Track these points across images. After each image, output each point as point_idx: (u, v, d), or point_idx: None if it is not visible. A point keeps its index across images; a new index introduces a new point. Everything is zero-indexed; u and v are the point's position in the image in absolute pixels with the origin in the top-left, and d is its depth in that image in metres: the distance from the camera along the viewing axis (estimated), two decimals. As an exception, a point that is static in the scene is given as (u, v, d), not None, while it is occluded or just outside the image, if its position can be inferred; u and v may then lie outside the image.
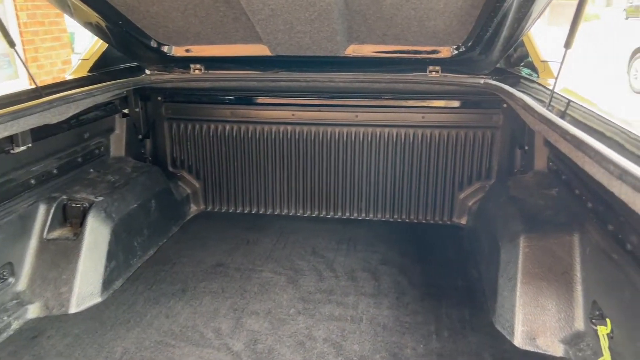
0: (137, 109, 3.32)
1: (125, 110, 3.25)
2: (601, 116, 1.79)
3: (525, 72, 2.84)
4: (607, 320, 1.87)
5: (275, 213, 3.49)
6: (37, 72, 8.17)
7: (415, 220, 3.38)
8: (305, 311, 2.37)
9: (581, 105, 1.93)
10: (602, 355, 1.84)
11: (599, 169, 1.40)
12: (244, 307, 2.41)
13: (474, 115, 3.18)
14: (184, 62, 2.84)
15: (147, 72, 2.95)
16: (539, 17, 2.20)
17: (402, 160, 3.29)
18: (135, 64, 3.04)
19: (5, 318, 2.25)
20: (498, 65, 2.78)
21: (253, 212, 3.52)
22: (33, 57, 8.27)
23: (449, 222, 3.36)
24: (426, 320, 2.31)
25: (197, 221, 3.43)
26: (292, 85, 2.89)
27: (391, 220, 3.39)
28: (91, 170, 2.94)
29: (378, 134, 3.27)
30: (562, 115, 1.93)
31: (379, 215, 3.40)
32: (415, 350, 2.10)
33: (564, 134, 1.65)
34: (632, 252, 1.76)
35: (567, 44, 1.82)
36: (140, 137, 3.39)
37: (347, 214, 3.43)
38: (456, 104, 3.19)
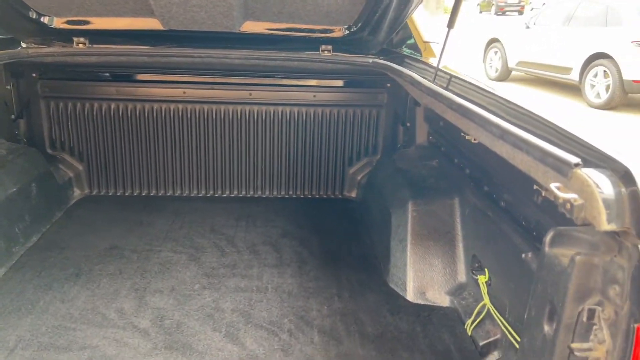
0: (7, 87, 3.05)
1: (-5, 88, 2.98)
2: (480, 88, 2.03)
3: (407, 52, 3.07)
4: (486, 270, 2.14)
5: (169, 194, 3.42)
6: None
7: (310, 196, 3.51)
8: (210, 285, 2.39)
9: (462, 80, 2.16)
10: (482, 300, 2.10)
11: (483, 132, 1.60)
12: (146, 287, 2.36)
13: (361, 95, 3.37)
14: (66, 35, 2.66)
15: (23, 45, 2.72)
16: (422, 1, 2.41)
17: (296, 138, 3.40)
18: (8, 36, 2.78)
19: None
20: (385, 47, 2.98)
21: (144, 194, 3.41)
22: None
23: (340, 196, 3.54)
24: (328, 285, 2.44)
25: (82, 205, 3.25)
26: (185, 61, 2.84)
27: (287, 196, 3.49)
28: None
29: (272, 112, 3.33)
30: (446, 88, 2.15)
31: (275, 192, 3.48)
32: (320, 312, 2.23)
33: (451, 104, 1.85)
34: (505, 209, 2.03)
35: (450, 24, 2.03)
36: (13, 116, 3.12)
37: (244, 192, 3.46)
38: (345, 84, 3.36)
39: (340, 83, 3.35)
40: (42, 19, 2.56)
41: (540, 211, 1.71)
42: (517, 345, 1.69)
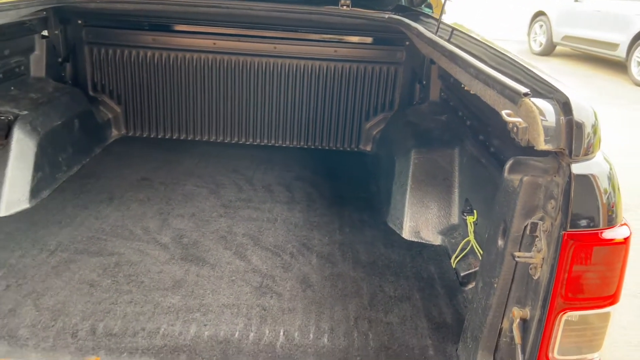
0: (56, 32, 3.35)
1: (45, 32, 3.27)
2: (477, 40, 2.17)
3: (427, 10, 3.20)
4: (475, 211, 2.32)
5: (197, 138, 3.70)
6: None
7: (327, 147, 3.72)
8: (226, 214, 2.66)
9: (463, 33, 2.30)
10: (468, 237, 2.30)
11: (464, 74, 1.77)
12: (170, 212, 2.65)
13: (380, 52, 3.53)
14: (107, -17, 2.93)
15: (69, -8, 3.00)
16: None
17: (316, 91, 3.60)
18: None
19: None
20: (404, 4, 3.12)
21: (174, 137, 3.70)
22: None
23: (355, 149, 3.74)
24: (331, 220, 2.68)
25: (119, 144, 3.57)
26: (212, 11, 3.06)
27: (305, 146, 3.71)
28: (12, 87, 2.99)
29: (294, 65, 3.54)
30: (448, 40, 2.30)
31: (294, 142, 3.71)
32: (321, 241, 2.47)
33: (444, 51, 2.02)
34: (494, 154, 2.20)
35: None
36: (60, 59, 3.43)
37: (265, 140, 3.70)
38: (365, 40, 3.52)
39: (361, 39, 3.52)
40: (86, -32, 2.83)
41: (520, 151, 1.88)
42: None
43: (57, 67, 3.42)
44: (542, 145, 1.28)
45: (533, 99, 1.34)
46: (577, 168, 1.30)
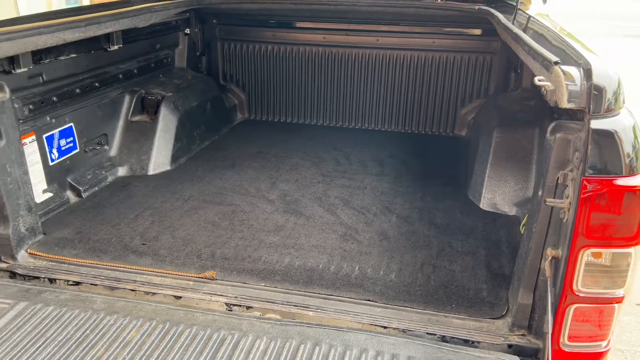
0: (196, 30, 4.03)
1: (187, 30, 3.97)
2: (549, 28, 2.37)
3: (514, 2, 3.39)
4: None
5: (307, 122, 4.20)
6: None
7: (423, 132, 4.03)
8: (323, 181, 3.11)
9: (538, 21, 2.51)
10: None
11: (522, 52, 2.03)
12: (278, 177, 3.16)
13: (476, 42, 3.75)
14: (237, -13, 3.52)
15: (206, -5, 3.65)
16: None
17: (415, 79, 3.92)
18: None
19: (103, 172, 3.07)
20: None
21: (288, 120, 4.24)
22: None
23: (451, 134, 3.99)
24: (415, 191, 3.01)
25: (242, 125, 4.18)
26: (323, 8, 3.52)
27: (402, 131, 4.05)
28: (160, 75, 3.70)
29: (395, 56, 3.89)
30: (524, 28, 2.52)
31: (393, 127, 4.07)
32: (403, 206, 2.81)
33: (511, 34, 2.27)
34: None
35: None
36: (198, 53, 4.12)
37: (366, 124, 4.10)
38: (462, 30, 3.77)
39: (458, 31, 3.77)
40: (220, -25, 3.44)
41: None
42: None
43: (195, 59, 4.11)
44: (565, 104, 1.54)
45: (562, 66, 1.59)
46: (598, 124, 1.53)
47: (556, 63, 1.60)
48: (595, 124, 1.53)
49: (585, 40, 2.01)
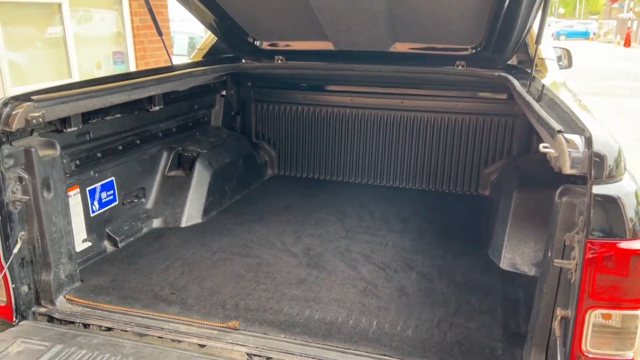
0: (232, 91, 4.30)
1: (224, 92, 4.24)
2: (559, 97, 2.47)
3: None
4: None
5: (333, 178, 4.35)
6: (144, 67, 9.56)
7: (447, 190, 4.12)
8: (346, 236, 3.21)
9: (551, 91, 2.62)
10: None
11: (533, 120, 2.14)
12: (303, 231, 3.28)
13: (498, 105, 3.88)
14: (270, 54, 3.77)
15: (243, 61, 3.92)
16: (534, 20, 2.92)
17: (438, 140, 4.05)
18: (233, 55, 4.01)
19: (139, 224, 3.25)
20: (513, 63, 3.49)
21: (316, 177, 4.40)
22: (141, 55, 9.67)
23: (474, 193, 4.07)
24: (437, 248, 3.08)
25: (272, 180, 4.36)
26: (350, 74, 3.74)
27: (426, 189, 4.15)
28: (197, 133, 3.94)
29: (419, 118, 4.05)
30: (539, 96, 2.64)
31: (417, 185, 4.17)
32: (423, 263, 2.88)
33: (526, 103, 2.39)
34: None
35: (537, 41, 2.56)
36: (233, 113, 4.37)
37: (391, 182, 4.22)
38: (484, 94, 3.91)
39: (480, 94, 3.91)
40: (255, 43, 3.72)
41: None
42: None
43: (230, 118, 4.36)
44: (568, 170, 1.64)
45: (566, 135, 1.70)
46: (600, 189, 1.62)
47: (559, 131, 1.71)
48: (598, 189, 1.62)
49: (596, 106, 2.11)
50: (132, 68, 9.50)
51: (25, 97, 2.25)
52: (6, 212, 2.26)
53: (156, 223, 3.36)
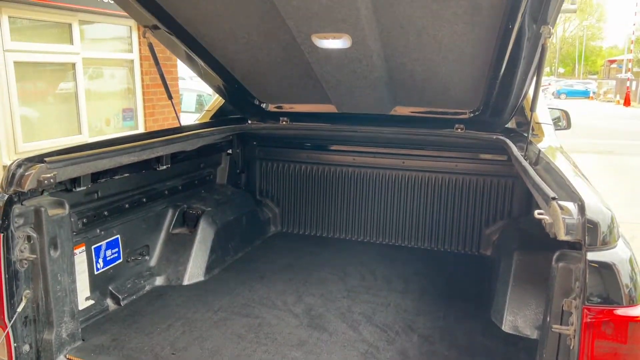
0: (237, 150, 4.41)
1: (229, 151, 4.35)
2: (554, 163, 2.54)
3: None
4: None
5: (336, 236, 4.39)
6: (152, 125, 9.81)
7: (449, 250, 4.13)
8: (348, 296, 3.21)
9: (546, 156, 2.69)
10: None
11: (530, 185, 2.21)
12: (304, 291, 3.29)
13: (498, 166, 3.96)
14: (276, 116, 3.89)
15: (249, 122, 4.04)
16: (529, 87, 3.03)
17: (439, 200, 4.11)
18: (239, 115, 4.14)
19: (142, 282, 3.27)
20: (512, 126, 3.60)
21: (319, 234, 4.44)
22: (150, 112, 9.94)
23: (476, 253, 4.08)
24: (438, 309, 3.07)
25: (275, 237, 4.40)
26: (353, 134, 3.85)
27: (428, 248, 4.17)
28: (202, 190, 4.02)
29: (420, 177, 4.12)
30: (536, 160, 2.71)
31: (419, 244, 4.20)
32: (425, 325, 2.87)
33: (522, 168, 2.46)
34: None
35: (532, 108, 2.66)
36: (238, 171, 4.47)
37: (393, 240, 4.25)
38: (484, 156, 4.00)
39: (480, 155, 4.00)
40: (261, 105, 3.85)
41: None
42: None
43: (235, 176, 4.45)
44: (563, 237, 1.68)
45: (560, 202, 1.75)
46: (594, 256, 1.66)
47: (554, 198, 1.77)
48: (592, 256, 1.66)
49: (597, 165, 2.17)
50: (141, 125, 9.75)
51: (39, 159, 2.33)
52: (13, 271, 2.30)
53: (159, 281, 3.38)
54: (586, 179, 2.13)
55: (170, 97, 3.33)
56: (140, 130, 9.67)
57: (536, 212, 1.81)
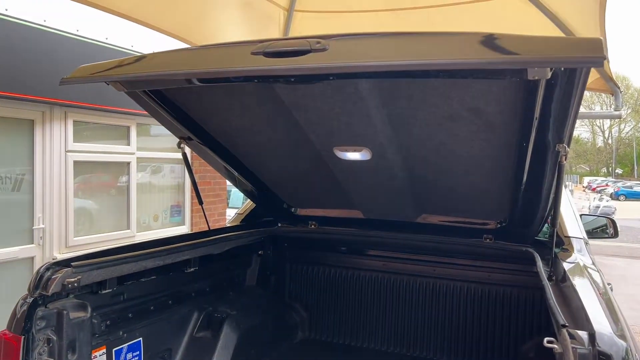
0: (268, 252, 4.46)
1: (260, 252, 4.41)
2: (577, 285, 2.43)
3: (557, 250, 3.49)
4: None
5: (364, 345, 4.24)
6: (198, 220, 10.12)
7: None
8: None
9: (569, 276, 2.59)
10: None
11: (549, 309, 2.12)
12: None
13: (533, 278, 3.81)
14: (305, 220, 3.97)
15: (279, 224, 4.13)
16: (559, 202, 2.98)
17: (472, 311, 3.95)
18: (271, 219, 4.24)
19: None
20: (542, 238, 3.51)
21: (347, 343, 4.31)
22: (197, 208, 10.31)
23: (513, 371, 3.83)
24: None
25: (302, 344, 4.30)
26: (379, 240, 3.84)
27: None
28: (231, 292, 4.04)
29: (452, 286, 4.01)
30: (557, 279, 2.61)
31: (453, 357, 3.99)
32: None
33: (542, 286, 2.37)
34: None
35: (553, 222, 2.61)
36: (268, 272, 4.49)
37: (424, 352, 4.06)
38: (516, 266, 3.87)
39: (512, 266, 3.88)
40: (291, 209, 3.95)
41: None
42: None
43: (265, 278, 4.46)
44: None
45: (571, 330, 1.67)
46: (611, 392, 1.54)
47: (564, 326, 1.69)
48: (607, 392, 1.54)
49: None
50: (187, 220, 10.08)
51: (66, 263, 2.45)
52: None
53: (177, 386, 3.33)
54: (611, 303, 2.03)
55: (200, 202, 3.48)
56: (187, 225, 9.99)
57: (545, 339, 1.72)
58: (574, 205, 3.85)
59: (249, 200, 4.37)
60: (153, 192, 9.46)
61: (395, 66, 1.87)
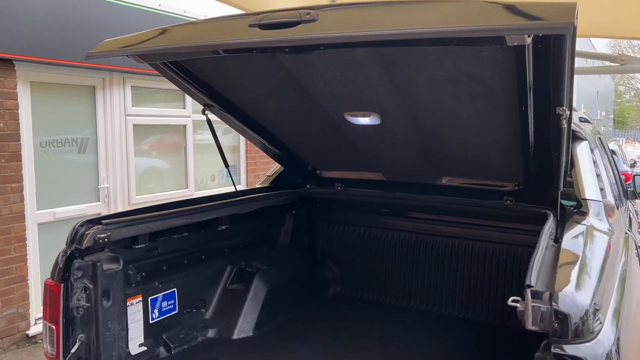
0: (301, 211, 4.66)
1: (294, 211, 4.61)
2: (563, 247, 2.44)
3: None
4: None
5: (392, 302, 4.39)
6: (253, 180, 10.53)
7: (499, 324, 3.94)
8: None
9: (566, 240, 2.58)
10: None
11: None
12: (351, 357, 3.37)
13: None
14: (331, 181, 4.12)
15: (308, 186, 4.30)
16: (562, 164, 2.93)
17: (495, 271, 3.99)
18: (300, 180, 4.41)
19: (194, 333, 3.56)
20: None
21: (376, 299, 4.48)
22: (252, 169, 10.69)
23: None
24: None
25: (333, 299, 4.52)
26: (406, 203, 3.93)
27: (480, 320, 4.02)
28: (264, 249, 4.29)
29: (471, 246, 4.04)
30: (556, 240, 2.62)
31: (470, 315, 4.06)
32: None
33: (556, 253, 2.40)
34: None
35: (557, 187, 2.60)
36: (302, 231, 4.70)
37: (449, 311, 4.16)
38: (538, 228, 3.84)
39: (535, 227, 3.85)
40: (317, 172, 4.10)
41: None
42: None
43: (298, 237, 4.68)
44: (530, 326, 1.67)
45: (537, 289, 1.74)
46: (565, 349, 1.62)
47: (529, 286, 1.76)
48: (561, 349, 1.62)
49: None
50: (243, 180, 10.49)
51: (98, 221, 2.75)
52: (70, 316, 2.69)
53: (211, 333, 3.65)
54: (601, 267, 2.05)
55: (226, 165, 3.70)
56: (242, 185, 10.42)
57: (511, 298, 1.80)
58: (603, 166, 3.73)
59: (277, 164, 4.55)
60: (209, 154, 9.88)
61: (377, 36, 1.94)
